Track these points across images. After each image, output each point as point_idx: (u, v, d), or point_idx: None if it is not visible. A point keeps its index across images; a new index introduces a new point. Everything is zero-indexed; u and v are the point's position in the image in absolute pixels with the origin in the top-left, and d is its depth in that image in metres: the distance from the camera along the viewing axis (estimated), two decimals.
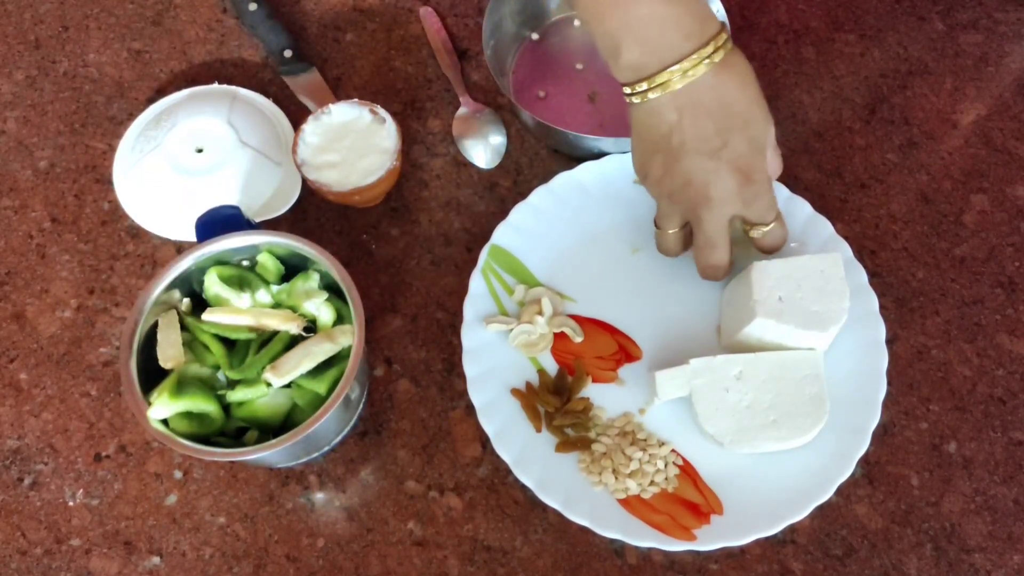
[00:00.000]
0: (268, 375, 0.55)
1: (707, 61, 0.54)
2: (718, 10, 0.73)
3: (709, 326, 0.66)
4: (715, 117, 0.56)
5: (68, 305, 0.69)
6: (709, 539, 0.58)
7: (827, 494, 0.59)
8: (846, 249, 0.66)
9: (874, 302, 0.64)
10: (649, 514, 0.59)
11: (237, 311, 0.58)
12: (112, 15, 0.81)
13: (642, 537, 0.58)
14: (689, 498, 0.60)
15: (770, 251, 0.63)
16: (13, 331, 0.68)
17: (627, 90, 0.57)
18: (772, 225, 0.61)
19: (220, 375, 0.58)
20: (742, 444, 0.59)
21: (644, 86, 0.55)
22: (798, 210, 0.68)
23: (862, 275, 0.66)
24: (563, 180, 0.70)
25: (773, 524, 0.58)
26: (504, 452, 0.60)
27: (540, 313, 0.65)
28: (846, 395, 0.62)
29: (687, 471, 0.61)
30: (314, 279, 0.60)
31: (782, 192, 0.69)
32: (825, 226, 0.68)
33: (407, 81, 0.77)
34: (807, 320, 0.60)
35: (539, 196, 0.69)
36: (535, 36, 0.79)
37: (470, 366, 0.63)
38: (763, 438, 0.59)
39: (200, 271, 0.59)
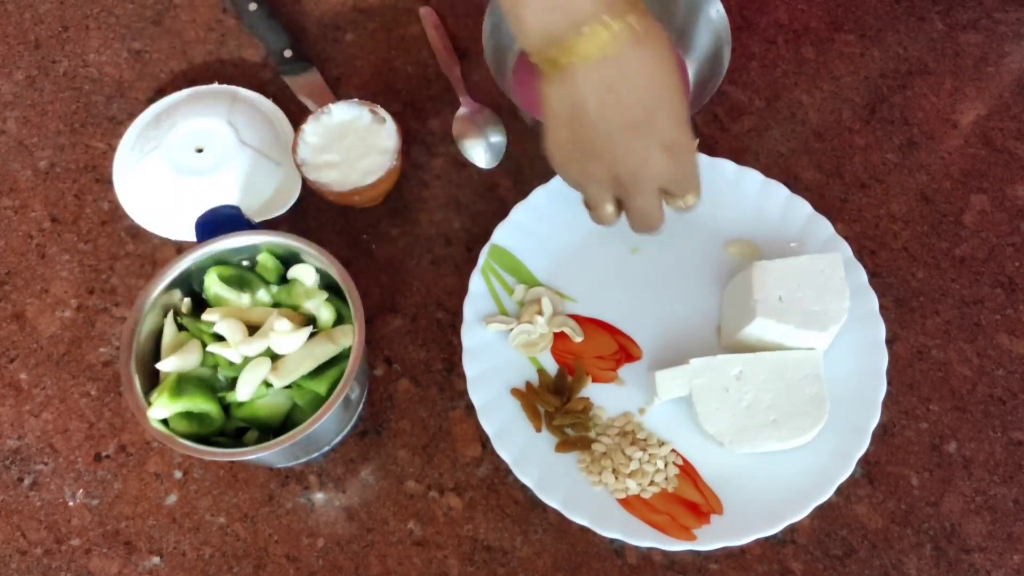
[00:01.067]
0: (269, 376, 0.55)
1: (623, 25, 0.49)
2: (718, 10, 0.73)
3: (709, 326, 0.66)
4: (639, 94, 0.52)
5: (68, 305, 0.69)
6: (709, 539, 0.58)
7: (827, 494, 0.59)
8: (846, 249, 0.66)
9: (874, 302, 0.64)
10: (649, 514, 0.59)
11: (241, 312, 0.58)
12: (112, 15, 0.81)
13: (642, 537, 0.58)
14: (689, 498, 0.60)
15: (685, 212, 0.61)
16: (13, 331, 0.68)
17: (536, 59, 0.52)
18: (694, 199, 0.58)
19: (220, 375, 0.58)
20: (742, 444, 0.59)
21: (553, 52, 0.50)
22: (798, 210, 0.68)
23: (862, 275, 0.66)
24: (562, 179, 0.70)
25: (773, 524, 0.58)
26: (504, 452, 0.60)
27: (540, 313, 0.65)
28: (846, 395, 0.62)
29: (687, 471, 0.61)
30: (310, 272, 0.60)
31: (781, 192, 0.69)
32: (825, 226, 0.68)
33: (407, 81, 0.77)
34: (807, 320, 0.60)
35: (539, 196, 0.69)
36: None
37: (470, 366, 0.63)
38: (763, 438, 0.59)
39: (200, 271, 0.59)
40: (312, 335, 0.57)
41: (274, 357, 0.56)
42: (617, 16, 0.49)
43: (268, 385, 0.56)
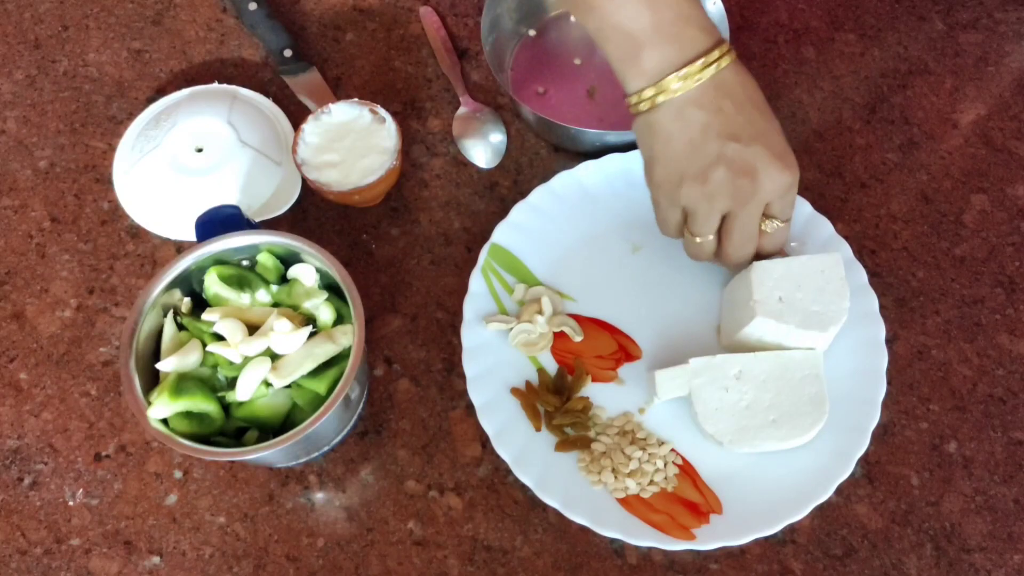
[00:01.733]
0: (269, 376, 0.55)
1: (728, 57, 0.56)
2: (718, 10, 0.73)
3: (709, 326, 0.66)
4: (746, 108, 0.56)
5: (68, 305, 0.69)
6: (708, 538, 0.58)
7: (827, 494, 0.59)
8: (846, 249, 0.66)
9: (874, 302, 0.64)
10: (648, 513, 0.59)
11: (241, 312, 0.58)
12: (112, 15, 0.81)
13: (641, 536, 0.58)
14: (688, 497, 0.60)
15: (770, 252, 0.62)
16: (13, 331, 0.68)
17: (645, 94, 0.56)
18: (785, 223, 0.61)
19: (220, 375, 0.58)
20: (741, 444, 0.59)
21: (667, 83, 0.55)
22: (798, 210, 0.68)
23: (862, 275, 0.66)
24: (563, 179, 0.70)
25: (772, 524, 0.58)
26: (504, 451, 0.60)
27: (540, 312, 0.65)
28: (846, 395, 0.62)
29: (686, 470, 0.61)
30: (310, 272, 0.60)
31: None
32: (825, 226, 0.68)
33: (407, 81, 0.77)
34: (807, 320, 0.60)
35: (539, 195, 0.69)
36: (532, 32, 0.79)
37: (470, 365, 0.63)
38: (763, 438, 0.59)
39: (200, 271, 0.59)
40: (312, 335, 0.57)
41: (274, 357, 0.56)
42: (724, 50, 0.56)
43: (268, 385, 0.56)
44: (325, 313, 0.58)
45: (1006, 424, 0.64)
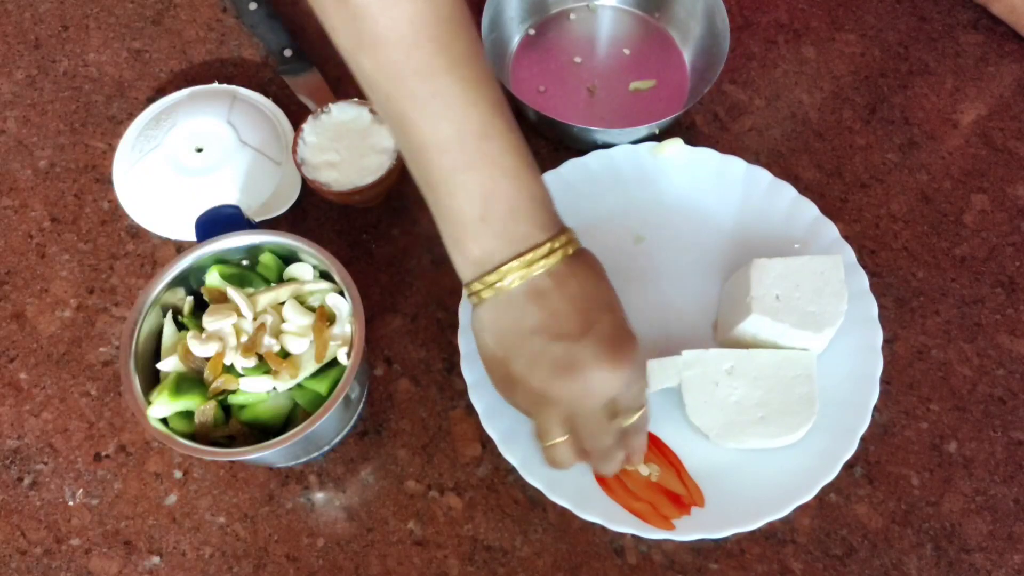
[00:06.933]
0: (273, 379, 0.55)
1: (561, 252, 0.50)
2: (718, 10, 0.73)
3: (707, 320, 0.66)
4: (576, 301, 0.51)
5: (68, 305, 0.69)
6: (688, 530, 0.57)
7: (809, 495, 0.58)
8: (849, 253, 0.66)
9: (873, 308, 0.64)
10: (630, 501, 0.59)
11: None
12: (112, 15, 0.81)
13: (620, 523, 0.58)
14: (672, 488, 0.60)
15: (637, 447, 0.57)
16: (13, 331, 0.68)
17: (473, 287, 0.51)
18: (642, 411, 0.56)
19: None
20: (728, 439, 0.59)
21: (493, 279, 0.50)
22: (804, 211, 0.68)
23: (863, 280, 0.65)
24: (572, 166, 0.69)
25: (753, 520, 0.57)
26: (511, 456, 0.59)
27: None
28: (838, 398, 0.61)
29: (672, 461, 0.61)
30: (308, 271, 0.60)
31: (789, 192, 0.69)
32: (830, 229, 0.67)
33: None
34: (802, 320, 0.60)
35: (546, 180, 0.69)
36: (532, 31, 0.79)
37: (469, 371, 0.62)
38: (750, 434, 0.59)
39: (200, 270, 0.59)
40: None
41: (286, 355, 0.56)
42: (558, 246, 0.50)
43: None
44: (332, 300, 0.58)
45: (1006, 424, 0.64)
